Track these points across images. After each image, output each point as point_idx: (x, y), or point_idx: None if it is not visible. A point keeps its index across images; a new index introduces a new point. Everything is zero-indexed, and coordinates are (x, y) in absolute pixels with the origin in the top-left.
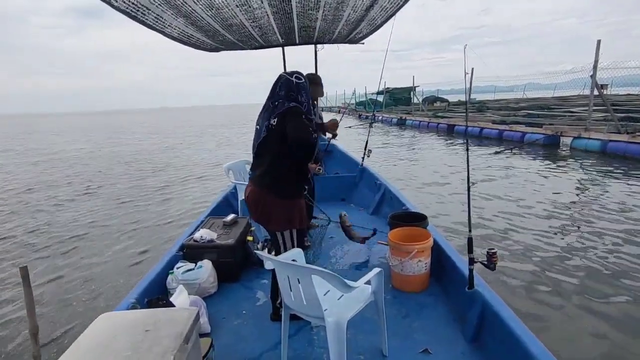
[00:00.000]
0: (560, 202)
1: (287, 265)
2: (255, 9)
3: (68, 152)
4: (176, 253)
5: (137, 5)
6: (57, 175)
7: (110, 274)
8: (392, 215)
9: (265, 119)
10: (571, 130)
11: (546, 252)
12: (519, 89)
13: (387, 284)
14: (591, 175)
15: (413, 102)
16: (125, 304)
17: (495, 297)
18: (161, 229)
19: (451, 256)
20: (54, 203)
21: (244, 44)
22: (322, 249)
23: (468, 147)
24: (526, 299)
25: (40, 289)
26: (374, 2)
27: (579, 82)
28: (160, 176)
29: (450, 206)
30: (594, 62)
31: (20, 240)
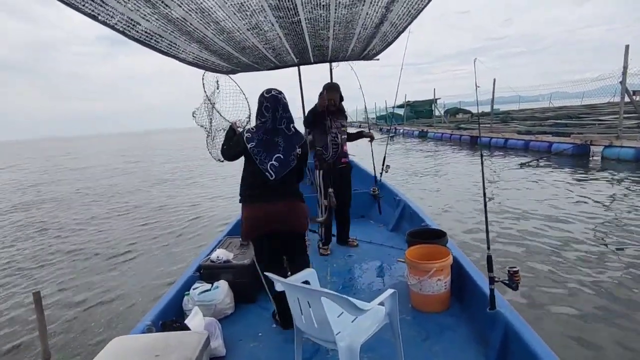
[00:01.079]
0: (593, 216)
1: (296, 288)
2: (267, 31)
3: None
4: (193, 274)
5: (150, 34)
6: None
7: (130, 294)
8: (410, 233)
9: (289, 148)
10: (601, 139)
11: (575, 271)
12: (545, 99)
13: (407, 304)
14: (627, 185)
15: (434, 114)
16: (141, 326)
17: (518, 319)
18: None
19: (472, 274)
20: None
21: (260, 65)
22: (340, 267)
23: (482, 161)
24: (551, 321)
25: (56, 311)
26: (383, 18)
27: (607, 89)
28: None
29: (473, 221)
30: (623, 68)
31: (37, 258)
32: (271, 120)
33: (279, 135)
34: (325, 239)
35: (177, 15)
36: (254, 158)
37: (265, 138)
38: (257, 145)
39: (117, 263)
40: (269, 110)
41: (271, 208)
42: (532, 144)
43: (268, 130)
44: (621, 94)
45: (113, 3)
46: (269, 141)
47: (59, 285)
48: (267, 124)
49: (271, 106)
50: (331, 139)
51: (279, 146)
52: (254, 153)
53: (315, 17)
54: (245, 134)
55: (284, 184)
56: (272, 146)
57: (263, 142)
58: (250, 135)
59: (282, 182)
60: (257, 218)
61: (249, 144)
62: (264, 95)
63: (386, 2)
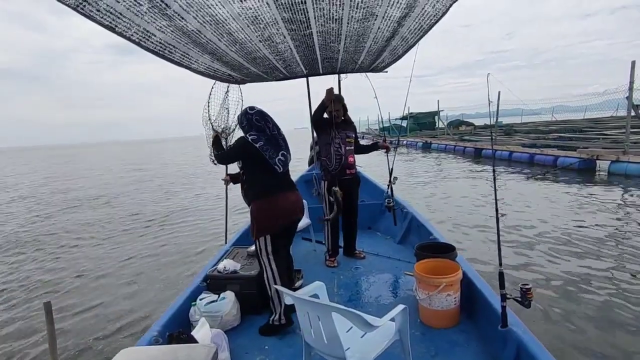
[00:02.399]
0: (603, 232)
1: (307, 302)
2: (278, 43)
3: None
4: (200, 284)
5: (164, 45)
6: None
7: (138, 304)
8: (419, 246)
9: (288, 148)
10: (608, 153)
11: (589, 289)
12: (547, 112)
13: (415, 319)
14: (633, 201)
15: (438, 126)
16: (148, 337)
17: (531, 338)
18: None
19: (482, 290)
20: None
21: (269, 76)
22: (347, 279)
23: (495, 177)
24: (565, 340)
25: (66, 321)
26: (394, 33)
27: (610, 103)
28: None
29: (480, 235)
30: (630, 83)
31: (48, 267)
32: (268, 129)
33: (278, 138)
34: (332, 250)
35: (192, 28)
36: (264, 154)
37: (270, 138)
38: (265, 143)
39: (126, 272)
40: (260, 122)
41: (293, 197)
42: (538, 157)
43: (269, 135)
44: (628, 109)
45: (130, 15)
46: (273, 141)
47: (66, 292)
48: (266, 132)
49: (261, 118)
50: (334, 149)
51: (281, 145)
52: (263, 150)
53: (327, 30)
54: (249, 137)
55: (289, 177)
56: (276, 144)
57: (269, 141)
58: (256, 137)
59: (288, 175)
60: (283, 207)
61: (257, 144)
62: (248, 112)
63: (398, 17)
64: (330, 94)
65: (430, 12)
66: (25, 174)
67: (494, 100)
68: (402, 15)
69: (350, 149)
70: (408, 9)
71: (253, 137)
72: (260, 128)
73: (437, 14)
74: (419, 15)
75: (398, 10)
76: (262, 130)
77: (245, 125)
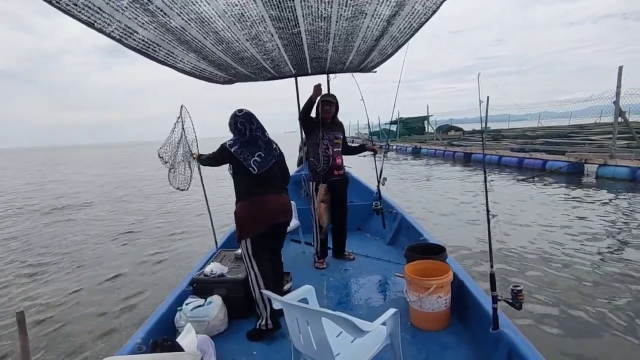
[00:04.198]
0: (591, 234)
1: (295, 307)
2: (266, 42)
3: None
4: (186, 288)
5: (148, 43)
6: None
7: (119, 309)
8: (409, 248)
9: (269, 149)
10: (596, 157)
11: (579, 289)
12: (533, 118)
13: (406, 322)
14: (624, 204)
15: (427, 131)
16: (131, 345)
17: (522, 340)
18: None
19: (473, 292)
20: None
21: (257, 76)
22: (336, 282)
23: (486, 178)
24: (556, 341)
25: (39, 330)
26: (384, 32)
27: (595, 109)
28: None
29: (470, 237)
30: (617, 89)
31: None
32: (248, 131)
33: (258, 139)
34: (320, 252)
35: (176, 25)
36: (238, 158)
37: (248, 140)
38: (240, 147)
39: (105, 275)
40: (244, 125)
41: (276, 199)
42: (527, 161)
43: (247, 137)
44: (614, 114)
45: (110, 10)
46: (249, 144)
47: (42, 301)
48: (245, 134)
49: (246, 121)
50: (322, 150)
51: (259, 147)
52: (237, 154)
53: (316, 29)
54: (227, 143)
55: (271, 179)
56: (253, 147)
57: (244, 145)
58: (232, 142)
59: (269, 177)
60: (264, 210)
61: (232, 149)
62: (237, 115)
63: (388, 16)
64: (318, 90)
65: (420, 11)
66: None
67: (484, 100)
68: (392, 14)
69: (338, 151)
70: (398, 7)
71: (230, 142)
72: (240, 131)
73: (427, 13)
74: (408, 13)
75: (388, 8)
76: (242, 133)
77: (231, 127)
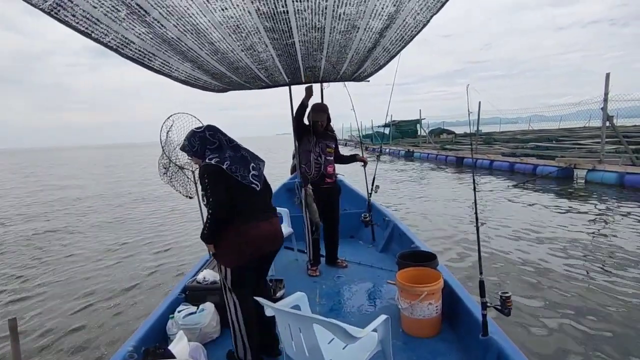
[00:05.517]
0: (582, 238)
1: (287, 314)
2: (260, 52)
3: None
4: (178, 295)
5: (144, 53)
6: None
7: (112, 316)
8: (401, 255)
9: (254, 157)
10: (585, 162)
11: (566, 295)
12: (523, 121)
13: (397, 328)
14: (612, 209)
15: (420, 134)
16: (122, 352)
17: (511, 346)
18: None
19: (463, 299)
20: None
21: (251, 84)
22: (329, 289)
23: (475, 187)
24: (544, 347)
25: (29, 338)
26: (376, 43)
27: (584, 114)
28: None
29: (461, 244)
30: (605, 95)
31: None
32: (225, 141)
33: (240, 149)
34: (313, 259)
35: (172, 36)
36: (234, 176)
37: (233, 155)
38: (232, 163)
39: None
40: (215, 136)
41: (267, 227)
42: (518, 166)
43: (229, 147)
44: (602, 119)
45: (108, 22)
46: (238, 157)
47: (32, 308)
48: (222, 147)
49: (214, 132)
50: (314, 158)
51: (247, 158)
52: (232, 171)
53: (310, 39)
54: (212, 162)
55: (265, 197)
56: (243, 160)
57: (235, 159)
58: (219, 159)
59: (264, 196)
60: (257, 238)
61: (224, 165)
62: (197, 132)
63: (380, 29)
64: (309, 92)
65: (411, 24)
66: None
67: (474, 110)
68: (383, 27)
69: (330, 159)
70: (389, 21)
71: (215, 159)
72: (217, 145)
73: (418, 26)
74: (400, 26)
75: (380, 21)
76: (220, 147)
77: (197, 149)
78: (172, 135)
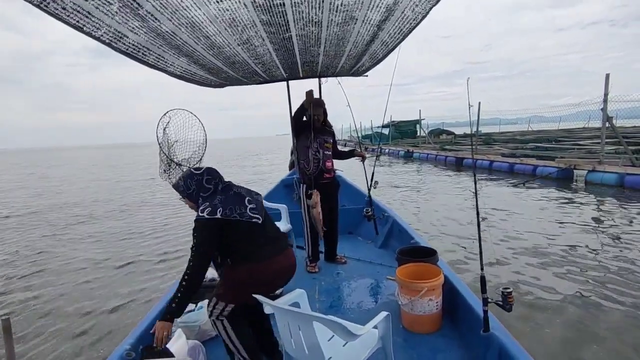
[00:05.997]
0: (581, 239)
1: (286, 312)
2: (257, 46)
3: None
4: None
5: (138, 47)
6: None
7: (108, 314)
8: (400, 251)
9: (247, 191)
10: (585, 163)
11: (568, 292)
12: (523, 122)
13: (398, 325)
14: (612, 210)
15: (419, 134)
16: (120, 351)
17: (512, 342)
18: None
19: (464, 294)
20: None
21: (248, 80)
22: (328, 285)
23: (476, 181)
24: (545, 344)
25: (24, 337)
26: (374, 37)
27: (583, 114)
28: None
29: (462, 240)
30: (604, 96)
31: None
32: (222, 185)
33: (231, 187)
34: (312, 256)
35: (167, 29)
36: (233, 218)
37: (224, 197)
38: (225, 206)
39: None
40: (211, 182)
41: (283, 262)
42: (517, 166)
43: (220, 191)
44: (602, 120)
45: (100, 15)
46: (230, 196)
47: (26, 304)
48: (217, 191)
49: (212, 177)
50: (312, 153)
51: (241, 194)
52: (228, 215)
53: (307, 33)
54: (204, 213)
55: (271, 228)
56: (236, 197)
57: (227, 200)
58: (211, 208)
59: (269, 227)
60: (271, 275)
61: (218, 213)
62: (195, 175)
63: (378, 21)
64: (310, 96)
65: (409, 16)
66: None
67: (474, 104)
68: (382, 19)
69: (329, 154)
70: (388, 13)
71: (207, 209)
72: (209, 190)
73: (417, 18)
74: (398, 19)
75: (378, 13)
76: (214, 191)
77: (193, 192)
78: (169, 132)
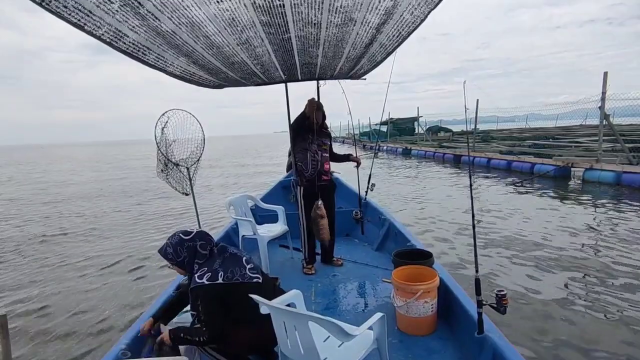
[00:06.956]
0: (578, 238)
1: (283, 312)
2: (256, 47)
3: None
4: (172, 293)
5: (138, 46)
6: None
7: (104, 310)
8: (396, 253)
9: (240, 253)
10: (582, 162)
11: (562, 293)
12: (520, 119)
13: (393, 326)
14: (609, 208)
15: (417, 132)
16: (115, 350)
17: (506, 344)
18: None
19: (459, 297)
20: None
21: (247, 81)
22: (324, 287)
23: (471, 184)
24: (539, 346)
25: (20, 335)
26: (373, 39)
27: (580, 112)
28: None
29: (457, 242)
30: (602, 94)
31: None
32: (216, 250)
33: (226, 249)
34: (309, 257)
35: (167, 29)
36: (235, 281)
37: (222, 260)
38: (226, 270)
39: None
40: (205, 247)
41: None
42: (515, 164)
43: (217, 254)
44: (600, 118)
45: (101, 14)
46: (227, 258)
47: (23, 304)
48: (213, 255)
49: (206, 242)
50: (311, 155)
51: (237, 254)
52: (229, 279)
53: (306, 34)
54: (204, 282)
55: (273, 287)
56: (234, 258)
57: (226, 263)
58: (210, 273)
59: (271, 287)
60: (272, 335)
61: (220, 279)
62: (185, 241)
63: (377, 24)
64: (312, 105)
65: (408, 20)
66: None
67: (470, 107)
68: (380, 22)
69: (326, 156)
70: (386, 16)
71: (207, 274)
72: (205, 256)
73: (415, 22)
74: (397, 22)
75: (377, 16)
76: (210, 256)
77: (184, 260)
78: (168, 131)
